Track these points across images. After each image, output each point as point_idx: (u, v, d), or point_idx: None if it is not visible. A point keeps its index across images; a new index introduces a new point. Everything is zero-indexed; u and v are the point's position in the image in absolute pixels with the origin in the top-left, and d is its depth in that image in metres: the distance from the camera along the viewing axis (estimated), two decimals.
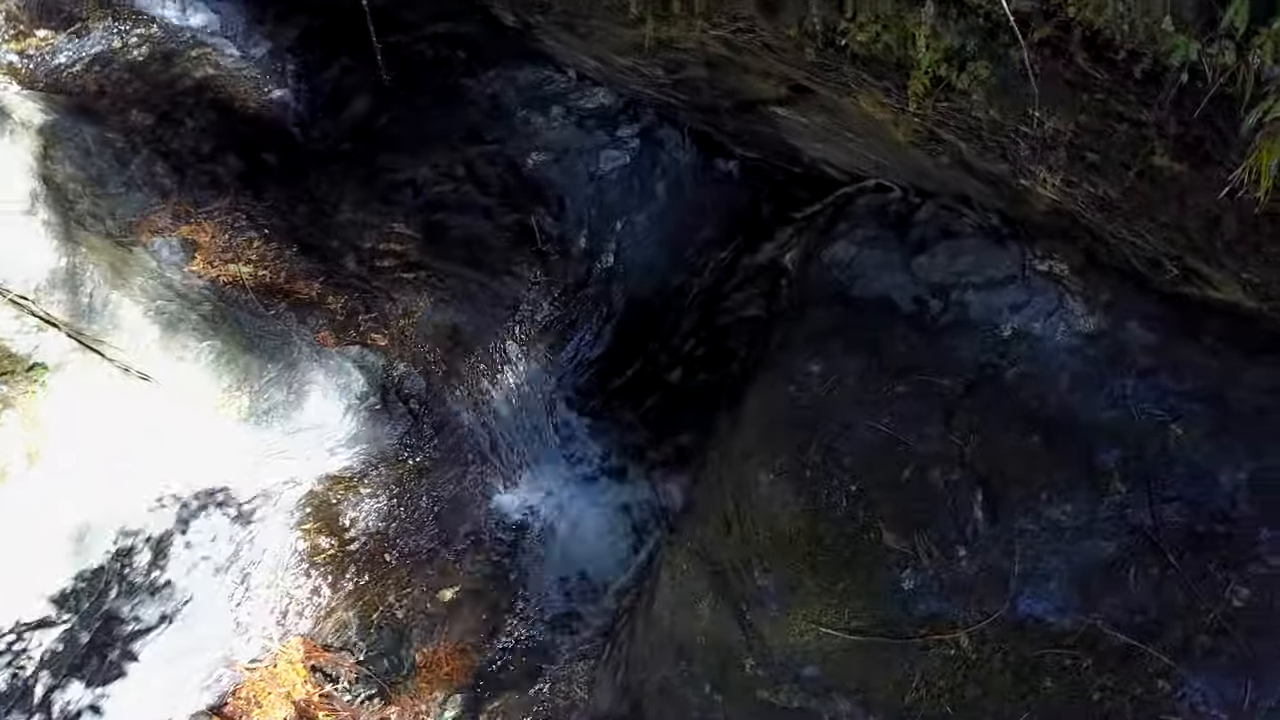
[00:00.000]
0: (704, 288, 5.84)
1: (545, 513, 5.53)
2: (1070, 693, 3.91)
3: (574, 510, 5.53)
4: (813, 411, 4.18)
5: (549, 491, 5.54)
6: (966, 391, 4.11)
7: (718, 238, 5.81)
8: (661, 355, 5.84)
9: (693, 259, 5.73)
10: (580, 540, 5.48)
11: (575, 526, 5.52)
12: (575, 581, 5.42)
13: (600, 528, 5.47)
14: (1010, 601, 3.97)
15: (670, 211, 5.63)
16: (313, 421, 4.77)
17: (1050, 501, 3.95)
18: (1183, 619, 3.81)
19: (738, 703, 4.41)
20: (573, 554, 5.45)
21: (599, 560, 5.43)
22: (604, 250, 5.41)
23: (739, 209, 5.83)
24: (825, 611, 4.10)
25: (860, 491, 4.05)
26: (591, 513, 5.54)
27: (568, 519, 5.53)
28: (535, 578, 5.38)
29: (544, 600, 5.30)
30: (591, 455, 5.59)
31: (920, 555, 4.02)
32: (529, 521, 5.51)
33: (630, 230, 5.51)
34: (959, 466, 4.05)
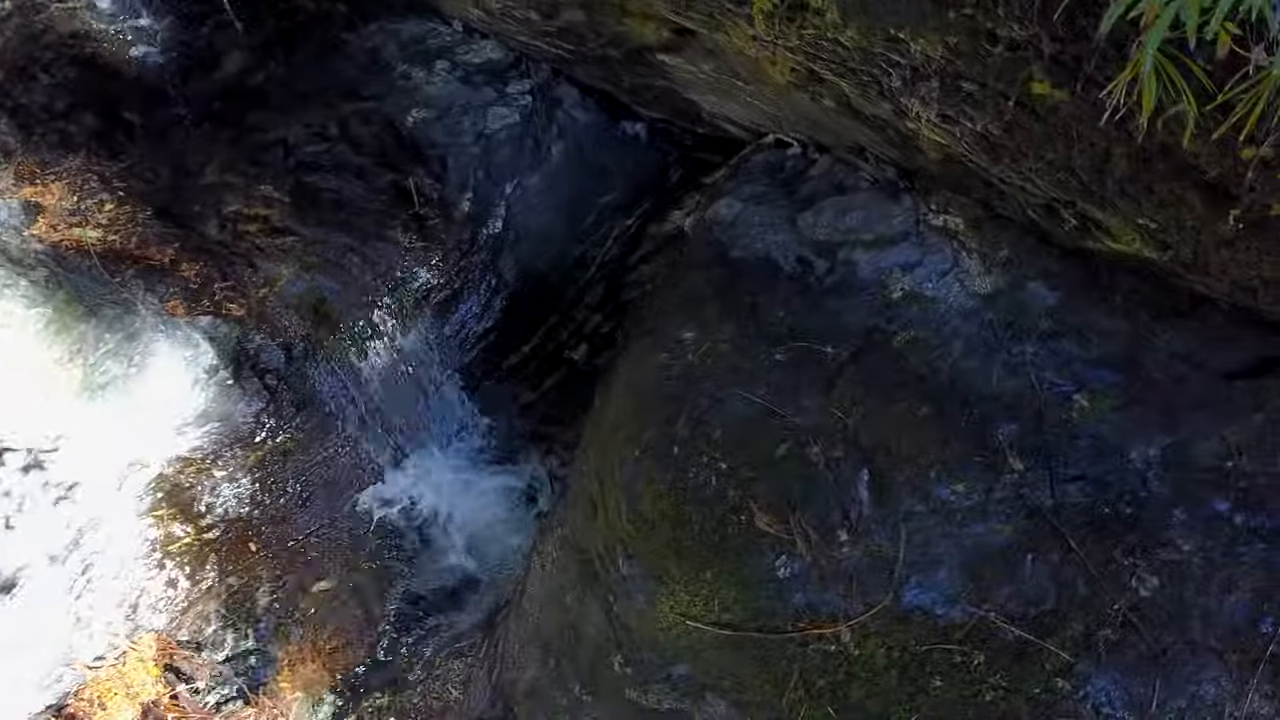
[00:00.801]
0: (609, 258, 5.44)
1: (428, 500, 5.12)
2: (961, 693, 3.51)
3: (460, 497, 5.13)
4: (683, 382, 3.78)
5: (433, 477, 5.13)
6: (851, 359, 3.70)
7: (622, 204, 5.41)
8: (563, 331, 5.44)
9: (594, 227, 5.33)
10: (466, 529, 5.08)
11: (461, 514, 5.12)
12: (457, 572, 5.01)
13: (488, 515, 5.07)
14: (895, 592, 3.57)
15: (568, 175, 5.23)
16: (156, 397, 4.36)
17: (941, 480, 3.55)
18: (1084, 611, 3.42)
19: (607, 704, 4.01)
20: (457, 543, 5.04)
21: (484, 550, 5.03)
22: (491, 215, 5.01)
23: (646, 174, 5.43)
24: (693, 603, 3.69)
25: (731, 469, 3.64)
26: (479, 500, 5.13)
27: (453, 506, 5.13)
28: (415, 569, 4.97)
29: (423, 593, 4.89)
30: (481, 438, 5.18)
31: (797, 540, 3.61)
32: (410, 509, 5.11)
33: (522, 194, 5.10)
34: (841, 441, 3.65)
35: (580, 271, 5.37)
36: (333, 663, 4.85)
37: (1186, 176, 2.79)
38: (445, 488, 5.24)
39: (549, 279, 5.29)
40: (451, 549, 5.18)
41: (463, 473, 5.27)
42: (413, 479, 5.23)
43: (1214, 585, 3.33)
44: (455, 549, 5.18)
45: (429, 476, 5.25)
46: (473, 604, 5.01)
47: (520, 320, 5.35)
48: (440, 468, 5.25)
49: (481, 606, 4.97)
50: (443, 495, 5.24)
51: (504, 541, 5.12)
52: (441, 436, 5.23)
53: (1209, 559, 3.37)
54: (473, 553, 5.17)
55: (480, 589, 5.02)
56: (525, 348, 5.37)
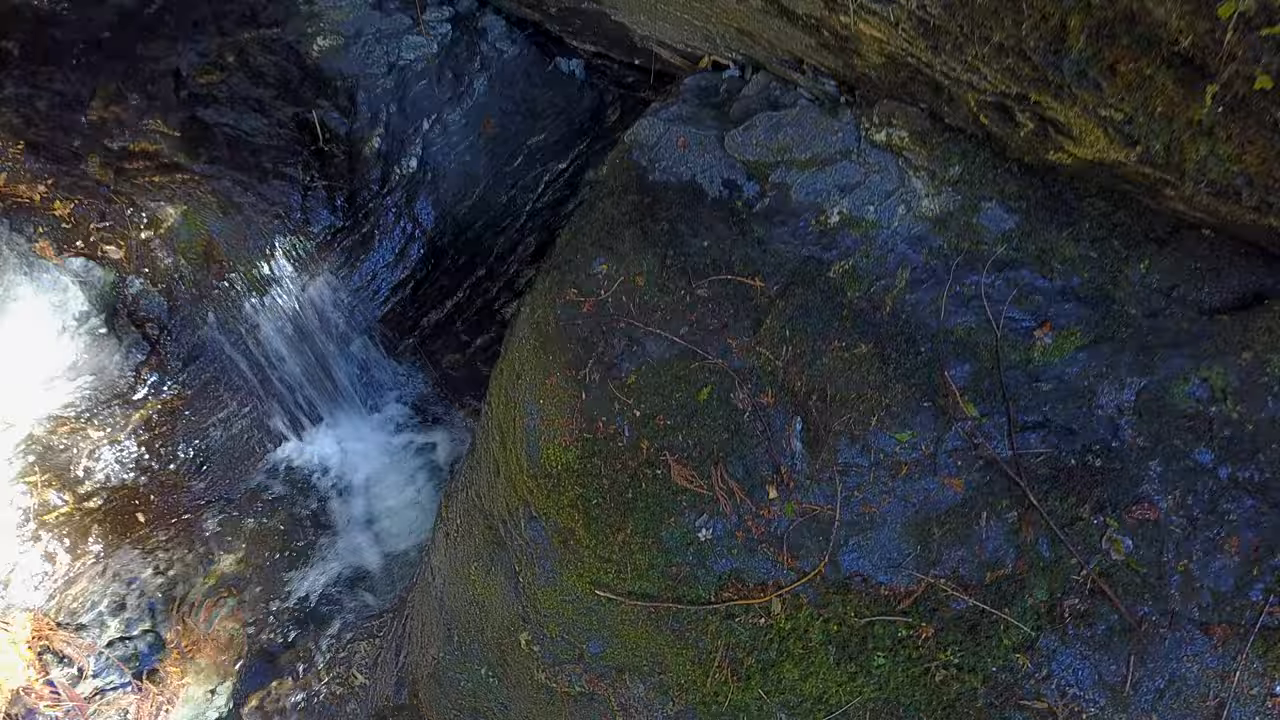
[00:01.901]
0: (541, 206, 4.97)
1: (340, 468, 4.66)
2: (908, 671, 3.06)
3: (376, 465, 4.66)
4: (593, 320, 3.31)
5: (346, 443, 4.66)
6: (782, 293, 3.24)
7: (556, 147, 4.94)
8: (491, 286, 4.98)
9: (524, 171, 4.86)
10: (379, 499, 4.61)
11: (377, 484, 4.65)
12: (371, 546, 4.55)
13: (407, 485, 4.59)
14: (832, 556, 3.12)
15: (493, 113, 4.75)
16: (18, 347, 3.89)
17: (883, 429, 3.10)
18: (1048, 577, 2.98)
19: (516, 688, 3.55)
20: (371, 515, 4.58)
21: (401, 521, 4.56)
22: (405, 153, 4.54)
23: (581, 115, 4.96)
24: (604, 570, 3.23)
25: (646, 417, 3.18)
26: (397, 468, 4.67)
27: (368, 475, 4.66)
28: (325, 543, 4.50)
29: (333, 569, 4.42)
30: (401, 402, 4.71)
31: (720, 497, 3.15)
32: (320, 478, 4.63)
33: (441, 132, 4.63)
34: (770, 386, 3.19)
35: (510, 220, 4.90)
36: (230, 647, 4.39)
37: (1155, 51, 2.34)
38: (360, 455, 4.78)
39: (474, 227, 4.82)
40: (365, 521, 4.72)
41: (380, 439, 4.80)
42: (323, 445, 4.77)
43: (1196, 547, 2.90)
44: (369, 521, 4.72)
45: (341, 442, 4.79)
46: (386, 580, 4.55)
47: (442, 272, 4.88)
48: (354, 433, 4.79)
49: (395, 583, 4.51)
50: (357, 463, 4.77)
51: (424, 512, 4.65)
52: (355, 399, 4.76)
53: (1190, 517, 2.93)
54: (389, 524, 4.71)
55: (395, 564, 4.56)
56: (449, 303, 4.91)
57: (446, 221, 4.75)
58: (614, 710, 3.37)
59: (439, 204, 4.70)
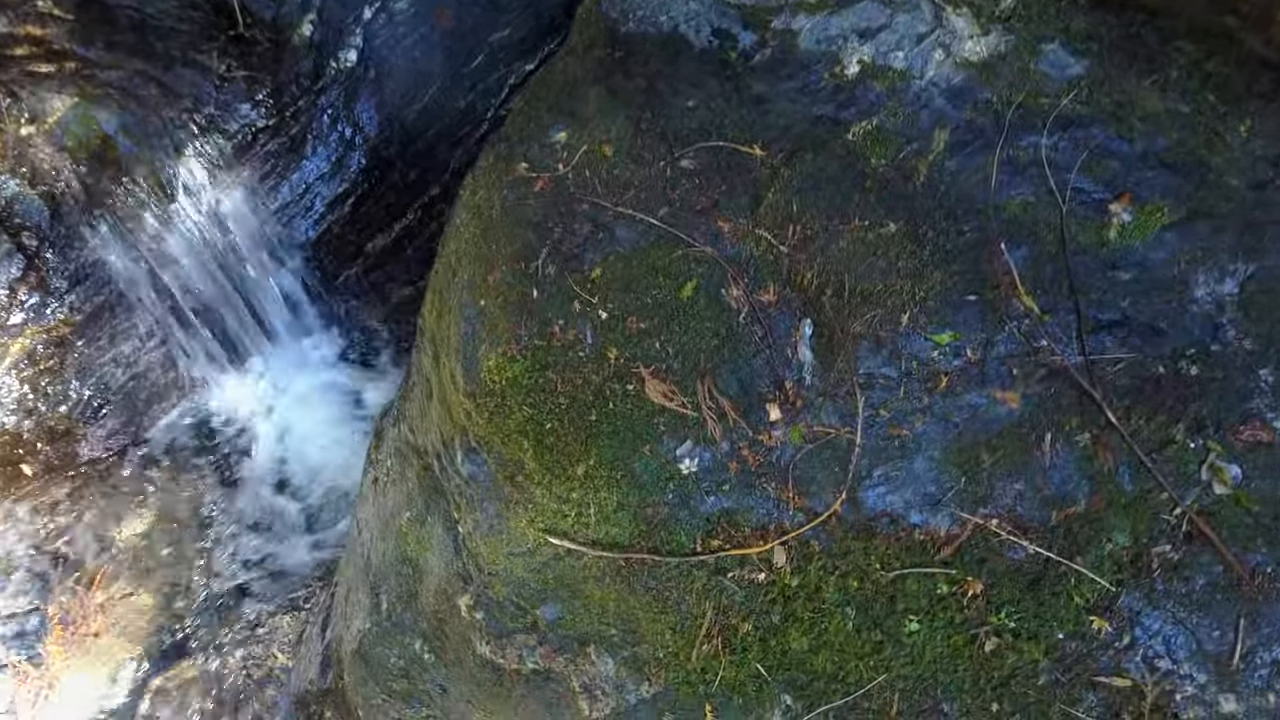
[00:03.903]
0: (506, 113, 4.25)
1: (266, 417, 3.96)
2: (949, 641, 2.38)
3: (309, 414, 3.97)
4: (549, 202, 2.62)
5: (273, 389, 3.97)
6: (787, 162, 2.55)
7: (522, 45, 4.24)
8: (447, 207, 4.27)
9: (486, 71, 4.16)
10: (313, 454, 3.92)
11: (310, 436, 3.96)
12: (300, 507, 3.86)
13: (342, 438, 3.90)
14: (851, 492, 2.43)
15: (449, 3, 4.06)
16: None
17: (917, 329, 2.41)
18: (1131, 517, 2.31)
19: (456, 665, 2.84)
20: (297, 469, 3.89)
21: (336, 478, 3.86)
22: (342, 44, 3.85)
23: (552, 7, 4.26)
24: (561, 514, 2.54)
25: (614, 319, 2.49)
26: (334, 418, 3.97)
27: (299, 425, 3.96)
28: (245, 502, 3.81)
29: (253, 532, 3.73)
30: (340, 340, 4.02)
31: (707, 419, 2.46)
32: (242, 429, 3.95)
33: (387, 21, 3.94)
34: (773, 279, 2.50)
35: (468, 130, 4.21)
36: (134, 623, 3.70)
37: None
38: (291, 404, 4.09)
39: (425, 136, 4.13)
40: (294, 477, 4.03)
41: (315, 386, 4.11)
42: (247, 391, 4.08)
43: None
44: (298, 477, 4.03)
45: (269, 389, 4.09)
46: (314, 544, 3.86)
47: (389, 189, 4.19)
48: (284, 378, 4.10)
49: (326, 547, 3.82)
50: (287, 413, 4.09)
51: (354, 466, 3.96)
52: (286, 338, 4.07)
53: None
54: (320, 482, 4.02)
55: (325, 525, 3.87)
56: (397, 226, 4.22)
57: (393, 128, 4.06)
58: (574, 692, 2.66)
59: (384, 107, 4.00)
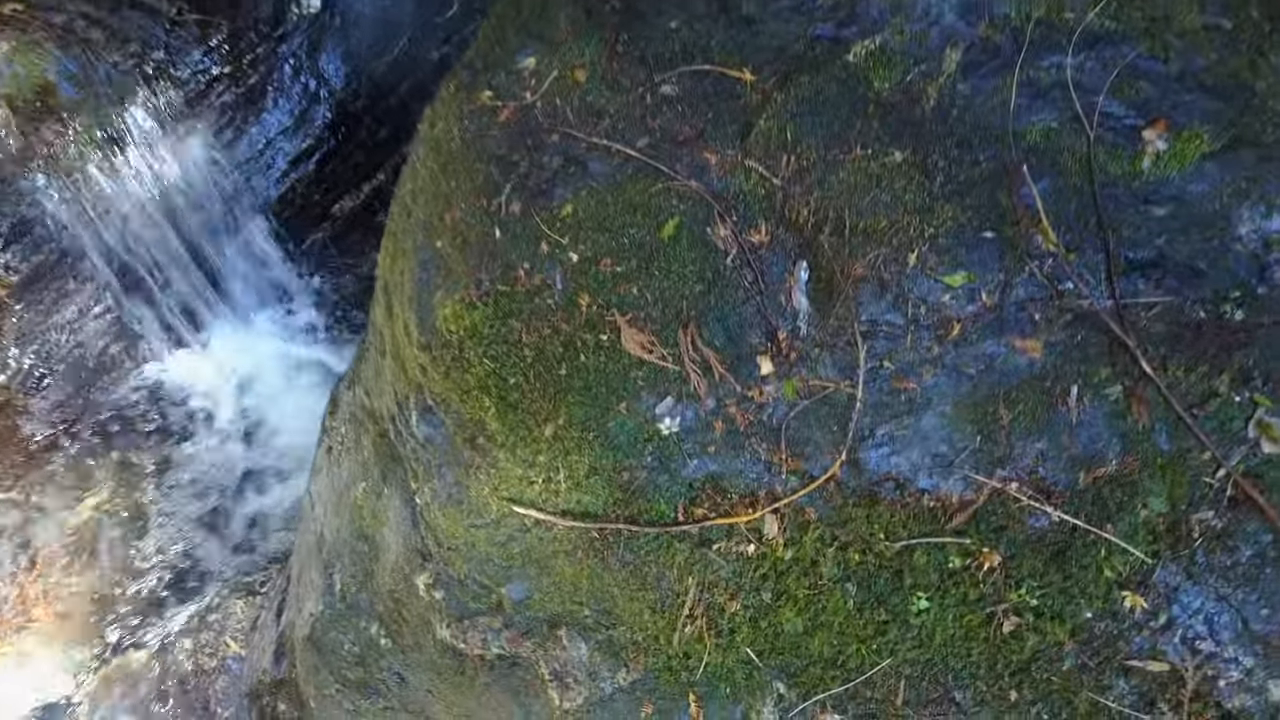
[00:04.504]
0: None
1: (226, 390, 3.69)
2: (962, 620, 2.11)
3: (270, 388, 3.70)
4: (515, 133, 2.34)
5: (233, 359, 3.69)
6: (781, 85, 2.28)
7: None
8: None
9: (461, 22, 3.88)
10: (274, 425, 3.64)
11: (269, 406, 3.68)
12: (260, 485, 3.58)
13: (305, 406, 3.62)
14: (850, 453, 2.15)
15: None
16: None
17: (927, 270, 2.14)
18: (1168, 479, 2.04)
19: (415, 651, 2.57)
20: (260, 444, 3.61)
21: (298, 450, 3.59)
22: None
23: None
24: (527, 480, 2.26)
25: (586, 262, 2.22)
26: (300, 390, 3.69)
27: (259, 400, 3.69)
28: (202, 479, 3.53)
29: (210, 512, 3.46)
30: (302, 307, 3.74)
31: (691, 373, 2.19)
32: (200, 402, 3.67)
33: None
34: (765, 216, 2.23)
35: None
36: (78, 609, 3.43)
37: None
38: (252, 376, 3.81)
39: (397, 91, 3.85)
40: (257, 452, 3.75)
41: (279, 353, 3.83)
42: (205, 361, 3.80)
43: None
44: (262, 452, 3.75)
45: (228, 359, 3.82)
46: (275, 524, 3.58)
47: (357, 146, 3.90)
48: (245, 348, 3.82)
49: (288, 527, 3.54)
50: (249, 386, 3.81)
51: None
52: (247, 304, 3.80)
53: None
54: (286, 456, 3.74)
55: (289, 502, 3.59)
56: (366, 187, 3.93)
57: (361, 81, 3.78)
58: (544, 680, 2.39)
59: (351, 58, 3.72)
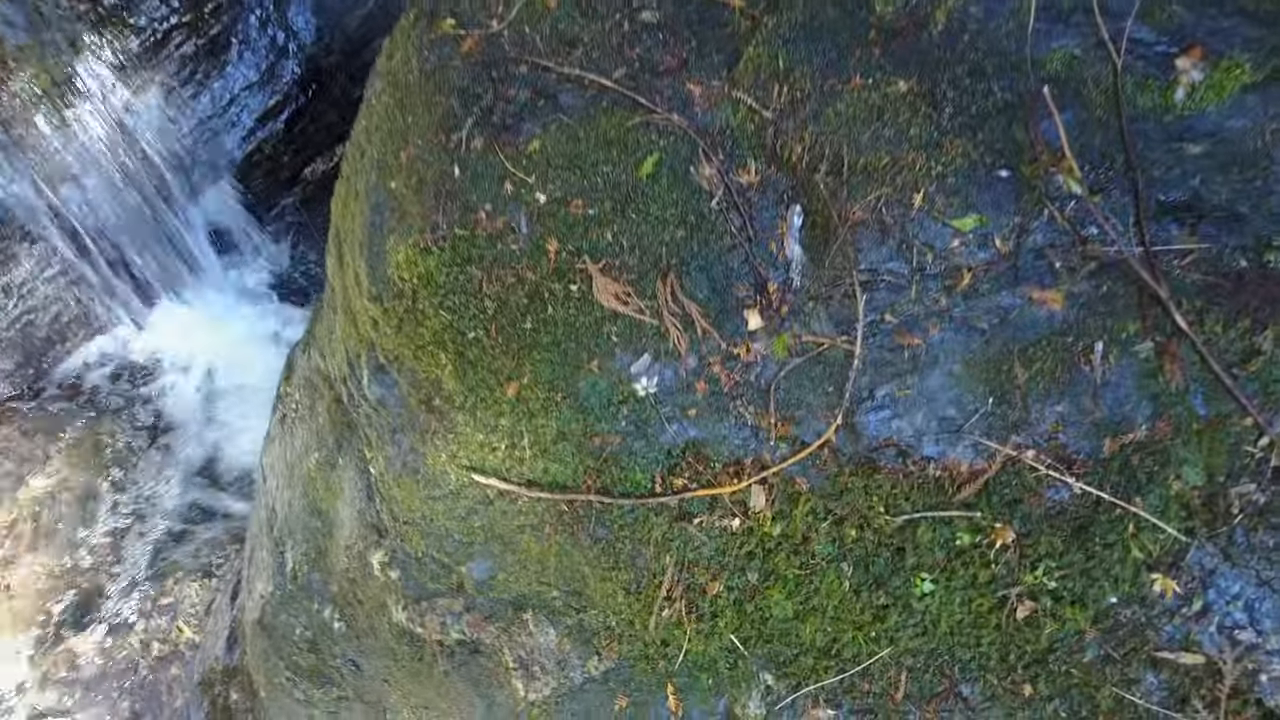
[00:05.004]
0: None
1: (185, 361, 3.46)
2: (971, 604, 1.89)
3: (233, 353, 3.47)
4: (477, 64, 2.12)
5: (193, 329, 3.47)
6: (771, 10, 2.05)
7: None
8: None
9: None
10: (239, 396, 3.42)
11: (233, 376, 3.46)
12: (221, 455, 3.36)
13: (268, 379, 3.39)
14: (847, 416, 1.93)
15: None
16: None
17: (934, 213, 1.91)
18: (1205, 447, 1.84)
19: (370, 636, 2.34)
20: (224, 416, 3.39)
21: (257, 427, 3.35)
22: None
23: None
24: (489, 446, 2.03)
25: (555, 204, 1.99)
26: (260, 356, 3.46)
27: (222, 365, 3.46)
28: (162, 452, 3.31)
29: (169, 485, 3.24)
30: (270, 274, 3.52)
31: (670, 328, 1.97)
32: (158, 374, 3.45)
33: None
34: (754, 153, 2.00)
35: None
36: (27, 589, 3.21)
37: None
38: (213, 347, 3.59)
39: (371, 47, 3.62)
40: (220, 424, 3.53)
41: (245, 322, 3.61)
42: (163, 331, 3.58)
43: None
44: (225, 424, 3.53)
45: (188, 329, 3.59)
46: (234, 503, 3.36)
47: (329, 105, 3.68)
48: (206, 317, 3.59)
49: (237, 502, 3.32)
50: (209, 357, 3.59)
51: None
52: (211, 268, 3.57)
53: None
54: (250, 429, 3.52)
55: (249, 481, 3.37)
56: (339, 149, 3.71)
57: (334, 36, 3.55)
58: (508, 669, 2.16)
59: (322, 11, 3.50)
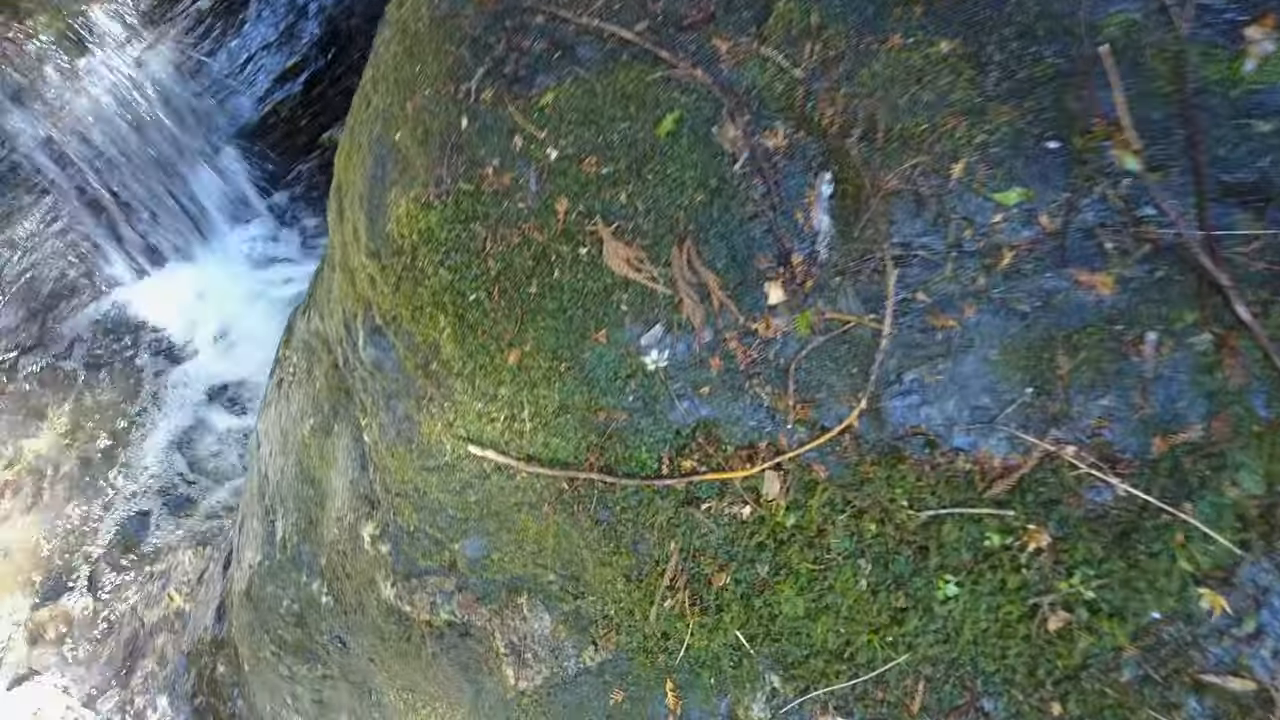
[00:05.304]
0: None
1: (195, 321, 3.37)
2: (998, 611, 1.74)
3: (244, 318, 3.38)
4: (491, 12, 1.99)
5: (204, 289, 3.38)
6: None
7: None
8: None
9: None
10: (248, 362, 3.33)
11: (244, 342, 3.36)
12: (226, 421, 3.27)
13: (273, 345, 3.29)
14: (872, 400, 1.78)
15: None
16: None
17: (975, 185, 1.76)
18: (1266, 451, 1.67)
19: (358, 612, 2.23)
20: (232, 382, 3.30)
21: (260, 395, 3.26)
22: None
23: None
24: (487, 417, 1.91)
25: (567, 161, 1.86)
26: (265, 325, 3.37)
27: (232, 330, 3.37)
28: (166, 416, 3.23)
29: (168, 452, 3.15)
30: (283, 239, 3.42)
31: (685, 298, 1.83)
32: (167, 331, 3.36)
33: None
34: (783, 115, 1.86)
35: None
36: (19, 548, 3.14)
37: None
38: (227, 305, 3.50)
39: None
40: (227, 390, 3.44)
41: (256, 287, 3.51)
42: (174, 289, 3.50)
43: None
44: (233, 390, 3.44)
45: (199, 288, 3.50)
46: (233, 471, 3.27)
47: (349, 69, 3.58)
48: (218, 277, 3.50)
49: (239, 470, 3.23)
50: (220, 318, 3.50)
51: None
52: (223, 231, 3.48)
53: None
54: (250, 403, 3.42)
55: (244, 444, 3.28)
56: None
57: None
58: (498, 654, 2.04)
59: None
